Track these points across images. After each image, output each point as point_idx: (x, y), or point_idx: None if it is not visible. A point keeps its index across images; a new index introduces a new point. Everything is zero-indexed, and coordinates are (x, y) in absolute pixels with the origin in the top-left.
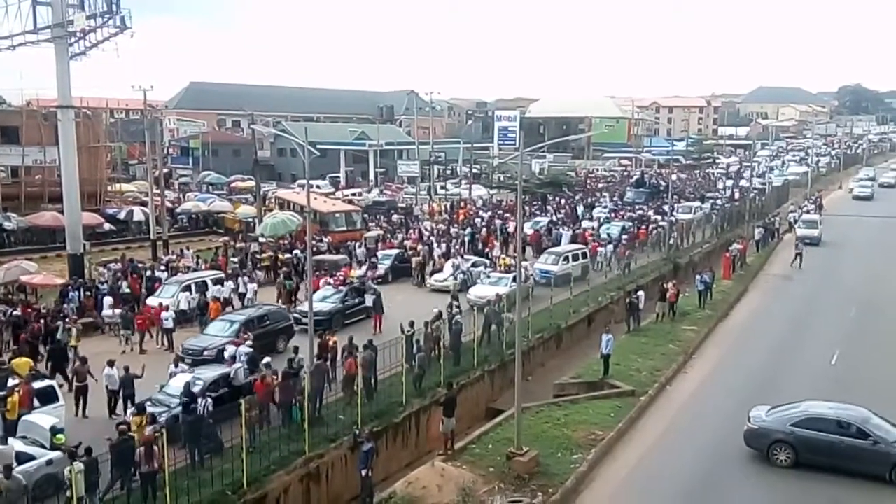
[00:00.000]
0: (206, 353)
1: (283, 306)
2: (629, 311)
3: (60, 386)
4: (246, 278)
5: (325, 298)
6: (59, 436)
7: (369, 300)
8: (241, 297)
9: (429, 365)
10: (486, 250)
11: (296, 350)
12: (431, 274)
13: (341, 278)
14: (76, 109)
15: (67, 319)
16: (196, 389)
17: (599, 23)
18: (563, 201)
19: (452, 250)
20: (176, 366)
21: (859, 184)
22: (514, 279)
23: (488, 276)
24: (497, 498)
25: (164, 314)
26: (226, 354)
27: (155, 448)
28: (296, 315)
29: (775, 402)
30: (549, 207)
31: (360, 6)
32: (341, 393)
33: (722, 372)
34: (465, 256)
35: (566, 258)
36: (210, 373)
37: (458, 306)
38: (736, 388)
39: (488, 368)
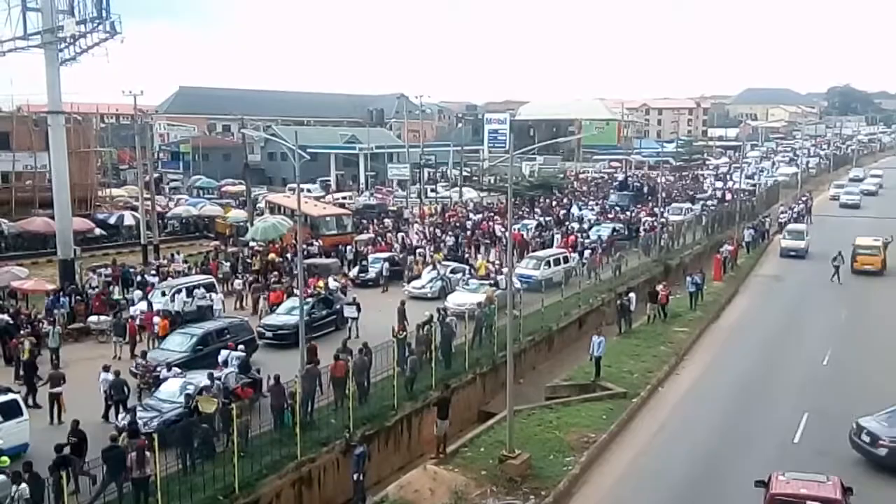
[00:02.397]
0: (158, 368)
1: (246, 319)
2: (620, 313)
3: (25, 399)
4: (202, 290)
5: (290, 311)
6: (3, 458)
7: (348, 311)
8: (199, 309)
9: (420, 368)
10: (467, 256)
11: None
12: (409, 280)
13: (308, 290)
14: (66, 115)
15: (21, 333)
16: (187, 393)
17: (588, 26)
18: (553, 203)
19: (428, 257)
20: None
21: (845, 190)
22: (493, 285)
23: (467, 283)
24: (489, 501)
25: (155, 319)
26: (219, 359)
27: (147, 453)
28: (259, 328)
29: (767, 402)
30: (537, 210)
31: (350, 11)
32: (333, 396)
33: (714, 373)
34: (444, 262)
35: (548, 262)
36: (201, 377)
37: (444, 309)
38: (728, 389)
39: (480, 371)
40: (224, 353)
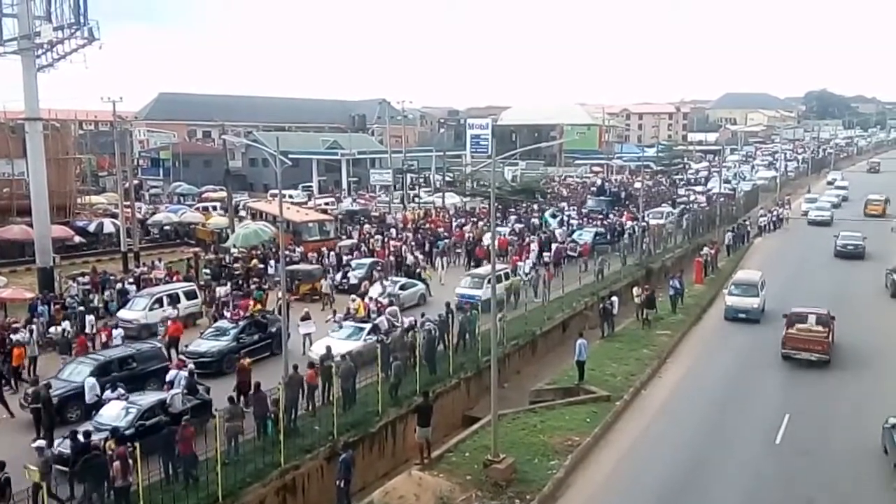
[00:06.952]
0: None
1: (159, 345)
2: (603, 317)
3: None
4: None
5: (218, 335)
6: None
7: (305, 327)
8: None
9: (405, 374)
10: (419, 271)
11: None
12: (361, 296)
13: (239, 312)
14: (44, 121)
15: None
16: (130, 417)
17: (569, 32)
18: (535, 208)
19: (375, 273)
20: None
21: (816, 205)
22: (372, 330)
23: (340, 326)
24: None
25: (114, 332)
26: (166, 378)
27: (130, 462)
28: (181, 356)
29: (749, 404)
30: (510, 217)
31: (331, 16)
32: (319, 403)
33: (696, 375)
34: (393, 278)
35: (489, 280)
36: (145, 399)
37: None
38: (710, 392)
39: (464, 376)
40: (172, 372)
